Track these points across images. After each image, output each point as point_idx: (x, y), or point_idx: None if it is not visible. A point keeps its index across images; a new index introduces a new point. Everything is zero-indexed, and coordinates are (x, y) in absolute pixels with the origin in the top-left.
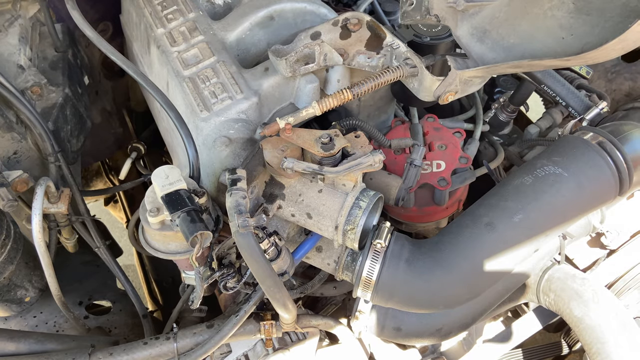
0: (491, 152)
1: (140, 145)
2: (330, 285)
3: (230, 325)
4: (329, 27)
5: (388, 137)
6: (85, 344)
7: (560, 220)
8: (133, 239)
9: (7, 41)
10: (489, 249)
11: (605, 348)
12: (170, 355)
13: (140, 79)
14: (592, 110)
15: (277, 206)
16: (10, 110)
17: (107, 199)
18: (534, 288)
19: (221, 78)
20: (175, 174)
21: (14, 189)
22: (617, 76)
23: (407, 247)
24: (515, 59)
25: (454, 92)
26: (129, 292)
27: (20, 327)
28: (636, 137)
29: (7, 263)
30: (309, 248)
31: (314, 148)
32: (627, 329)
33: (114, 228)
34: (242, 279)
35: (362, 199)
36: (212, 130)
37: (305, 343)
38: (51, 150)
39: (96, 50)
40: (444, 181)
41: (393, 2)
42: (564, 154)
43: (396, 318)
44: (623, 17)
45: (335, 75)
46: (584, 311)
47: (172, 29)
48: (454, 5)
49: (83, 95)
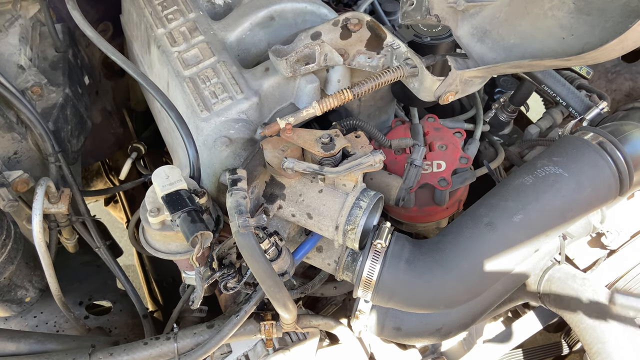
0: (491, 152)
1: (140, 145)
2: (330, 285)
3: (231, 325)
4: (329, 27)
5: (388, 137)
6: (85, 344)
7: (561, 220)
8: (133, 239)
9: (8, 41)
10: (489, 249)
11: (605, 348)
12: (170, 355)
13: (141, 79)
14: (592, 110)
15: (278, 206)
16: (10, 110)
17: (108, 199)
18: (535, 288)
19: (221, 78)
20: (176, 174)
21: (15, 189)
22: (618, 76)
23: (407, 247)
24: (515, 59)
25: (454, 92)
26: (129, 292)
27: (21, 327)
28: (636, 137)
29: (8, 263)
30: (310, 248)
31: (315, 148)
32: (627, 329)
33: (114, 228)
34: (243, 279)
35: (363, 199)
36: (213, 131)
37: (305, 343)
38: (51, 150)
39: (96, 50)
40: (444, 181)
41: (393, 2)
42: (565, 154)
43: (396, 318)
44: (623, 17)
45: (336, 75)
46: (584, 311)
47: (172, 29)
48: (454, 6)
49: (83, 95)
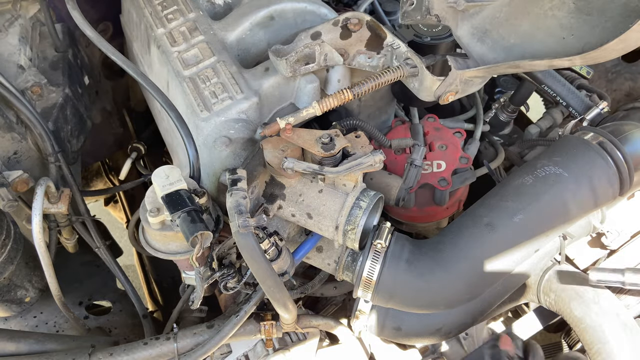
0: (491, 152)
1: (140, 145)
2: (330, 285)
3: (231, 325)
4: (329, 27)
5: (388, 137)
6: (85, 344)
7: (561, 220)
8: (133, 239)
9: (7, 41)
10: (489, 249)
11: (606, 348)
12: (170, 355)
13: (141, 79)
14: (592, 110)
15: (278, 206)
16: (10, 110)
17: (107, 199)
18: (535, 288)
19: (221, 78)
20: (176, 174)
21: (14, 189)
22: (618, 76)
23: (407, 248)
24: (515, 59)
25: (454, 92)
26: (129, 293)
27: (21, 327)
28: (636, 137)
29: (7, 263)
30: (310, 248)
31: (315, 148)
32: (628, 329)
33: (114, 228)
34: (243, 279)
35: (363, 199)
36: (213, 130)
37: (305, 343)
38: (51, 150)
39: (96, 50)
40: (444, 181)
41: (393, 2)
42: (565, 154)
43: (396, 318)
44: (623, 17)
45: (336, 75)
46: (585, 311)
47: (172, 29)
48: (454, 5)
49: (83, 95)
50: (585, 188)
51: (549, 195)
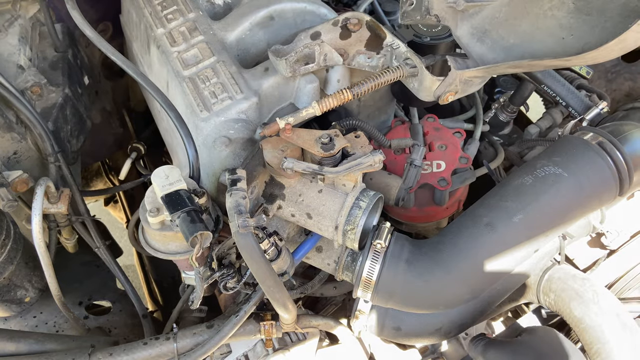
0: (491, 152)
1: (140, 145)
2: (330, 285)
3: (230, 325)
4: (329, 27)
5: (388, 137)
6: (85, 344)
7: (560, 220)
8: (133, 239)
9: (7, 41)
10: (489, 249)
11: (606, 348)
12: (170, 355)
13: (140, 79)
14: (592, 110)
15: (277, 206)
16: (10, 110)
17: (107, 199)
18: (534, 288)
19: (221, 78)
20: (175, 174)
21: (14, 189)
22: (617, 76)
23: (407, 248)
24: (515, 59)
25: (454, 92)
26: (129, 293)
27: (20, 327)
28: (636, 137)
29: (7, 263)
30: (309, 248)
31: (314, 148)
32: (627, 329)
33: (114, 228)
34: (242, 279)
35: (362, 199)
36: (212, 131)
37: (305, 343)
38: (51, 150)
39: (96, 50)
40: (444, 181)
41: (393, 2)
42: (564, 154)
43: (396, 318)
44: (623, 17)
45: (335, 75)
46: (585, 311)
47: (172, 29)
48: (454, 5)
49: (83, 95)
50: (585, 188)
51: (549, 195)
